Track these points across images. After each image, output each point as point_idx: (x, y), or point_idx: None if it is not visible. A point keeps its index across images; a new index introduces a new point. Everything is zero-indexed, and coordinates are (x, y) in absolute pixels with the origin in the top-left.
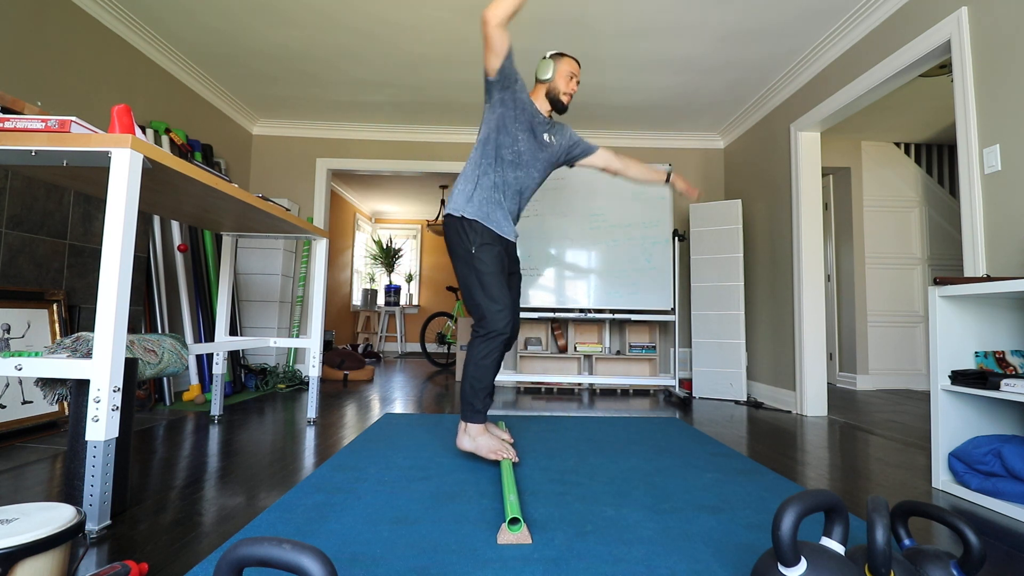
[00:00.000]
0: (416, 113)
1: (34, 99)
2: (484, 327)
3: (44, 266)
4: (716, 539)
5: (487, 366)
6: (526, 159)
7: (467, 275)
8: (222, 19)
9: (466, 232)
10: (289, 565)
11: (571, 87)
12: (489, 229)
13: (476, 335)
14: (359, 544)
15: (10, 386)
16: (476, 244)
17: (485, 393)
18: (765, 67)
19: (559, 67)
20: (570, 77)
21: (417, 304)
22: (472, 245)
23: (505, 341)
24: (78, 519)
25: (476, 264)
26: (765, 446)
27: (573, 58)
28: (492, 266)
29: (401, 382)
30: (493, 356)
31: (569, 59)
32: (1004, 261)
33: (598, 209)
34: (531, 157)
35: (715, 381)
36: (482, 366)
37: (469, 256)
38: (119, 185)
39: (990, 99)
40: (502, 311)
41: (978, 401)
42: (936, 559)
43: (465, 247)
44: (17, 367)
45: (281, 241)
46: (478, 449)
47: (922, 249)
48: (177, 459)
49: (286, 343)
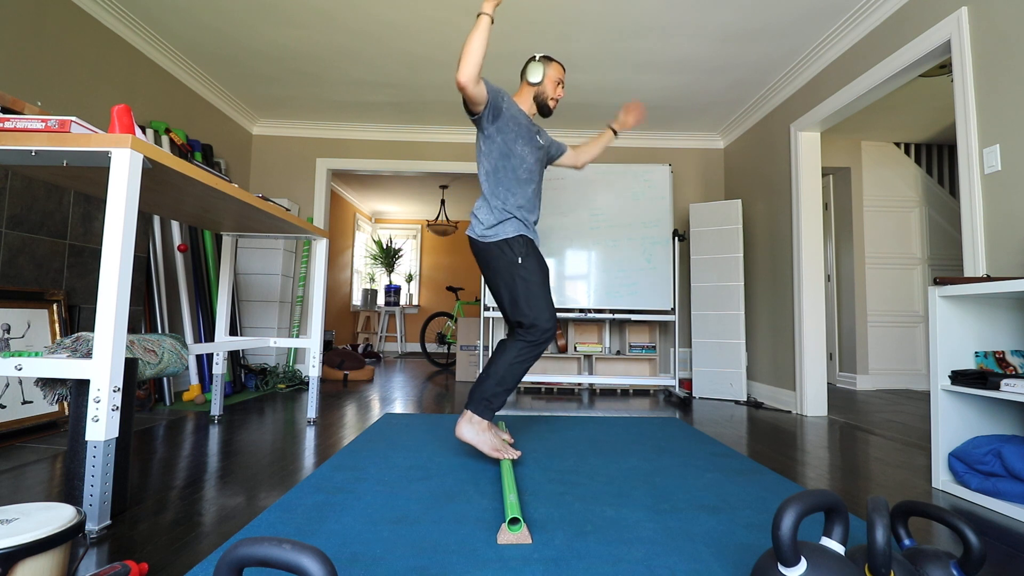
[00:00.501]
0: (416, 113)
1: (34, 99)
2: (534, 334)
3: (44, 266)
4: (716, 539)
5: (521, 370)
6: (536, 168)
7: (513, 286)
8: (222, 19)
9: (510, 247)
10: (289, 565)
11: (558, 92)
12: (528, 238)
13: (522, 339)
14: (359, 544)
15: (10, 386)
16: (522, 255)
17: (508, 394)
18: (765, 67)
19: (548, 72)
20: (557, 83)
21: (417, 304)
22: (518, 256)
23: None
24: (78, 519)
25: (522, 274)
26: (765, 446)
27: (560, 64)
28: (537, 275)
29: (401, 382)
30: (530, 362)
31: (557, 65)
32: (1004, 261)
33: (598, 209)
34: (538, 164)
35: (715, 381)
36: (516, 368)
37: (515, 267)
38: (119, 185)
39: (990, 99)
40: (552, 318)
41: (978, 401)
42: (936, 559)
43: (509, 259)
44: (17, 367)
45: (281, 241)
46: (481, 444)
47: (922, 249)
48: (177, 459)
49: (286, 343)
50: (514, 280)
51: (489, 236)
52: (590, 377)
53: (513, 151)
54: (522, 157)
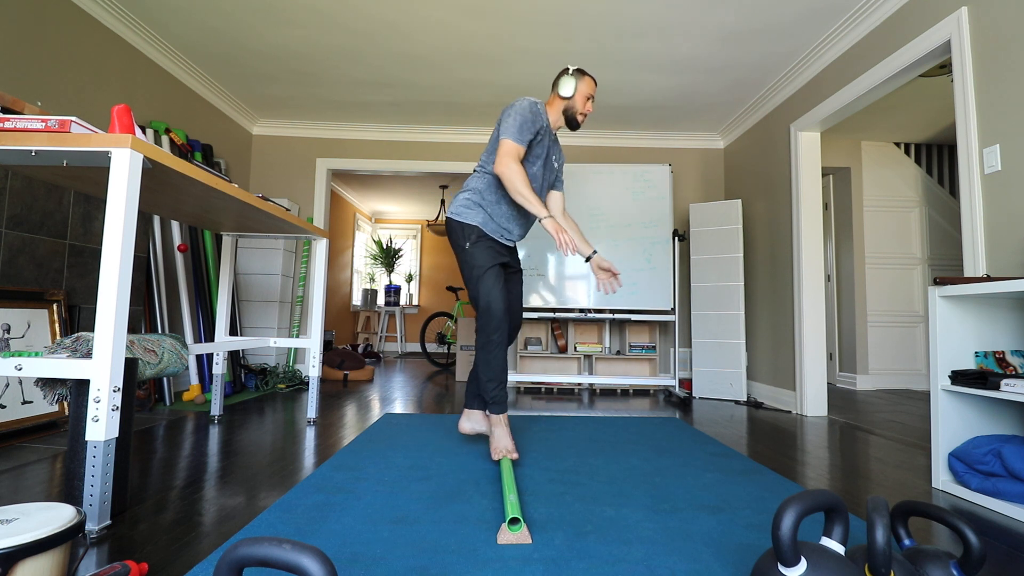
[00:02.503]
0: (416, 113)
1: (34, 99)
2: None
3: (44, 266)
4: (716, 539)
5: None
6: (536, 184)
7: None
8: (222, 19)
9: (463, 230)
10: (289, 565)
11: (587, 108)
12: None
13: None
14: (359, 544)
15: (10, 386)
16: (470, 241)
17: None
18: (765, 67)
19: (580, 87)
20: (588, 98)
21: (417, 304)
22: (466, 241)
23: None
24: (78, 519)
25: (468, 259)
26: (765, 446)
27: (593, 79)
28: (484, 265)
29: (401, 382)
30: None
31: (589, 79)
32: (1004, 261)
33: (598, 209)
34: (540, 180)
35: (715, 381)
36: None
37: (463, 252)
38: (119, 185)
39: (990, 99)
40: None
41: (978, 401)
42: (936, 559)
43: (459, 242)
44: (17, 367)
45: (281, 241)
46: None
47: (922, 249)
48: (177, 459)
49: (286, 343)
50: (463, 263)
51: (453, 214)
52: (590, 377)
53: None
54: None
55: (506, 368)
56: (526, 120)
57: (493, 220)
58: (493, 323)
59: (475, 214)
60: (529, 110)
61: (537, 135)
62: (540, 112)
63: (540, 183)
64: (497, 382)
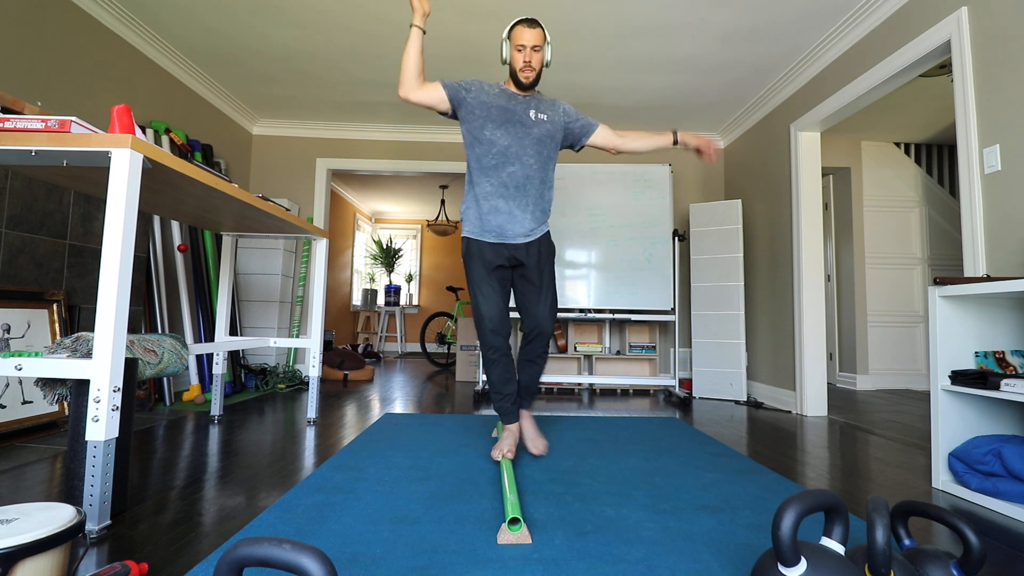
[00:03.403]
0: (416, 113)
1: (34, 99)
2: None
3: (44, 266)
4: (716, 539)
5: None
6: (513, 150)
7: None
8: (222, 19)
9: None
10: (289, 565)
11: (525, 59)
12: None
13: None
14: (359, 544)
15: (10, 386)
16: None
17: (499, 396)
18: (765, 67)
19: (509, 42)
20: (519, 50)
21: (417, 304)
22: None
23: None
24: (78, 519)
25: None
26: (765, 446)
27: (524, 23)
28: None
29: (401, 382)
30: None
31: (518, 28)
32: (1004, 261)
33: (598, 209)
34: (518, 145)
35: (715, 381)
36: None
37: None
38: (119, 185)
39: (990, 99)
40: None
41: (978, 401)
42: (936, 559)
43: (464, 253)
44: (17, 367)
45: (281, 241)
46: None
47: (922, 249)
48: (177, 459)
49: (286, 343)
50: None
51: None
52: (590, 377)
53: (479, 138)
54: (491, 142)
55: (506, 379)
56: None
57: (481, 213)
58: (481, 338)
59: (468, 210)
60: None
61: (469, 91)
62: (471, 82)
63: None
64: (498, 394)
